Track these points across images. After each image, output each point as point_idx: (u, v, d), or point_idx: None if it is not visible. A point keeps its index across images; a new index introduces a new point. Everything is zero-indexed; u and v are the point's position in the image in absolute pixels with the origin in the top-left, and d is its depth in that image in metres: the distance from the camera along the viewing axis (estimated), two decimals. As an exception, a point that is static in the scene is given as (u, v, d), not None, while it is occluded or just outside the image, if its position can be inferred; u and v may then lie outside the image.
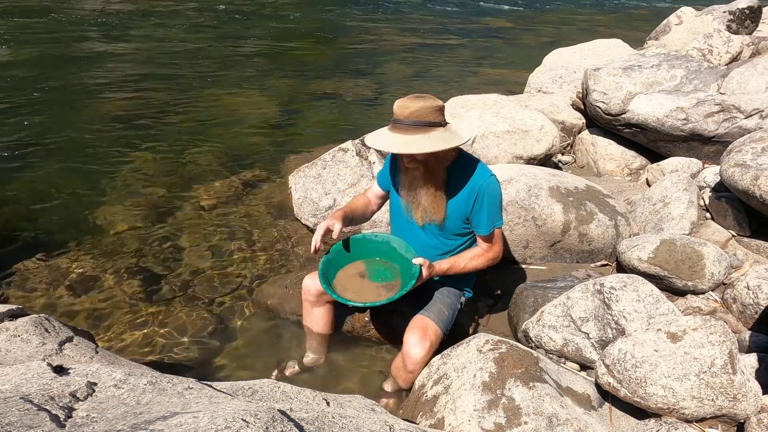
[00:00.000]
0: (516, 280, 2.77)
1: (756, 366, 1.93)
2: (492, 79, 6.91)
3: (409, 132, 1.85)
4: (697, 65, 4.01)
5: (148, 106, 5.39)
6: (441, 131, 1.88)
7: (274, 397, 1.37)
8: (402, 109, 1.86)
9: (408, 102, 1.86)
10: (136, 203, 3.66)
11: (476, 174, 2.01)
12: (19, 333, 1.43)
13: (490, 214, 2.03)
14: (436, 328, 2.05)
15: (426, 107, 1.85)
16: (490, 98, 4.08)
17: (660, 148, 3.89)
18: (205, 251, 3.22)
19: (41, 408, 0.97)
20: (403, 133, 1.86)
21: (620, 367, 1.72)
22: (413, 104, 1.85)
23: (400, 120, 1.86)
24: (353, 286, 2.04)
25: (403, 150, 1.85)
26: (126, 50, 7.05)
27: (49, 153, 4.30)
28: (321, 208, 3.41)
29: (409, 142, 1.84)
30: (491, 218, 2.04)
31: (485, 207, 2.01)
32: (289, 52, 7.58)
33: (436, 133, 1.86)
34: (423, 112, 1.84)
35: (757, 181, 2.65)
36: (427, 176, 1.96)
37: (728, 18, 5.73)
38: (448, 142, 1.85)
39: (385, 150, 1.95)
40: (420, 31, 9.12)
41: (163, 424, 0.92)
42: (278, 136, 4.97)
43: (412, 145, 1.83)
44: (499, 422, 1.63)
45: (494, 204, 2.03)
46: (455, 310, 2.20)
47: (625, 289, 2.05)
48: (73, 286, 2.87)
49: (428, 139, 1.84)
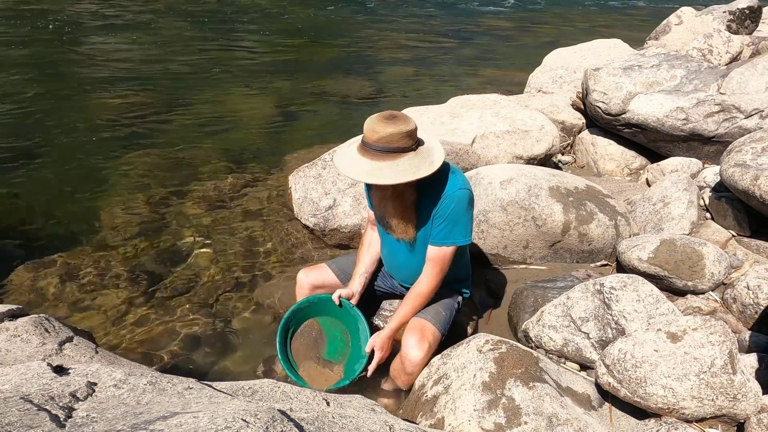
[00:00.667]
0: (516, 280, 2.77)
1: (756, 366, 1.93)
2: (492, 79, 6.91)
3: (377, 158, 1.78)
4: (697, 65, 4.01)
5: (147, 106, 5.39)
6: (411, 156, 1.80)
7: (274, 397, 1.37)
8: (371, 132, 1.78)
9: (378, 126, 1.77)
10: (135, 203, 3.67)
11: (447, 186, 1.91)
12: (19, 333, 1.43)
13: (445, 225, 1.92)
14: (434, 329, 2.04)
15: (395, 133, 1.76)
16: (490, 98, 4.08)
17: (660, 148, 3.89)
18: (204, 251, 3.22)
19: (41, 408, 0.97)
20: (371, 159, 1.79)
21: (620, 367, 1.72)
22: (382, 129, 1.76)
23: (369, 144, 1.79)
24: (308, 360, 2.08)
25: (369, 180, 1.79)
26: (126, 50, 7.06)
27: (48, 153, 4.30)
28: (321, 208, 3.41)
29: (376, 169, 1.77)
30: (445, 232, 1.93)
31: (442, 217, 1.91)
32: (289, 52, 7.57)
33: (404, 159, 1.79)
34: (392, 138, 1.76)
35: (757, 181, 2.65)
36: (395, 196, 1.90)
37: (728, 18, 5.72)
38: (415, 171, 1.78)
39: (352, 179, 1.89)
40: (420, 30, 9.13)
41: (163, 424, 0.92)
42: (278, 136, 4.97)
43: (378, 174, 1.77)
44: (499, 422, 1.63)
45: (455, 215, 1.91)
46: (452, 310, 2.19)
47: (625, 289, 2.05)
48: (73, 285, 2.87)
49: (396, 167, 1.77)
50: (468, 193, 1.94)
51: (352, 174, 1.81)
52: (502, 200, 2.81)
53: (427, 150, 1.88)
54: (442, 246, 1.97)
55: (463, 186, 1.93)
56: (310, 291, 2.28)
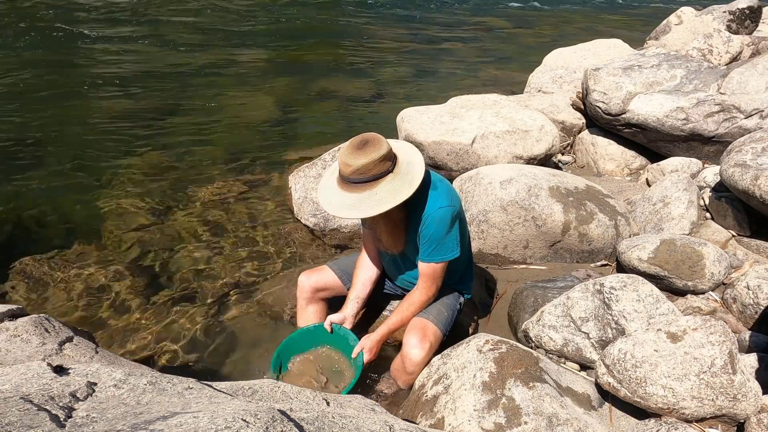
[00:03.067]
0: (516, 280, 2.77)
1: (756, 366, 1.93)
2: (492, 79, 6.91)
3: (356, 190, 1.79)
4: (697, 65, 4.01)
5: (147, 107, 5.39)
6: (389, 180, 1.80)
7: (274, 397, 1.37)
8: (345, 166, 1.78)
9: (350, 158, 1.76)
10: (135, 203, 3.66)
11: (427, 206, 1.91)
12: (19, 333, 1.43)
13: (430, 244, 1.94)
14: (435, 329, 2.05)
15: (368, 163, 1.75)
16: (490, 98, 4.08)
17: (660, 148, 3.89)
18: (204, 251, 3.22)
19: (41, 408, 0.97)
20: (350, 192, 1.80)
21: (620, 367, 1.72)
22: (355, 162, 1.75)
23: (345, 177, 1.79)
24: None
25: (351, 215, 1.80)
26: (125, 50, 7.05)
27: (48, 153, 4.30)
28: (321, 208, 3.41)
29: (357, 201, 1.78)
30: (431, 250, 1.95)
31: (425, 237, 1.93)
32: (289, 52, 7.57)
33: (383, 185, 1.78)
34: (366, 168, 1.76)
35: (757, 181, 2.65)
36: (384, 216, 1.88)
37: (728, 18, 5.72)
38: (396, 196, 1.77)
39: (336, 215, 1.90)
40: (420, 30, 9.13)
41: (163, 424, 0.92)
42: (278, 136, 4.97)
43: (359, 207, 1.78)
44: (499, 422, 1.63)
45: (437, 235, 1.92)
46: (454, 310, 2.20)
47: (625, 289, 2.05)
48: (73, 285, 2.87)
49: (375, 196, 1.77)
50: (448, 211, 1.91)
51: (333, 211, 1.83)
52: (502, 200, 2.81)
53: (405, 167, 1.86)
54: (431, 263, 1.99)
55: (443, 204, 1.91)
56: (311, 294, 2.29)
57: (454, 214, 1.94)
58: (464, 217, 2.16)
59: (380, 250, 2.19)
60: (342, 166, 1.80)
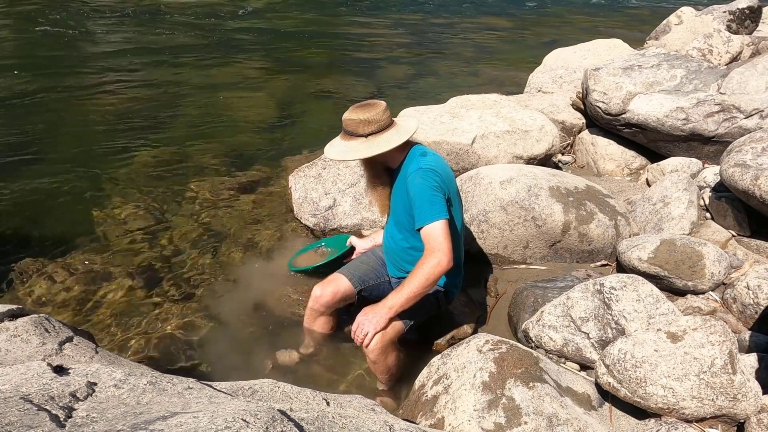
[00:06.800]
0: (516, 280, 2.78)
1: (756, 366, 1.93)
2: (492, 79, 6.91)
3: (346, 138, 2.12)
4: (697, 65, 4.01)
5: (147, 106, 5.38)
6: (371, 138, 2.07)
7: (274, 397, 1.37)
8: (345, 119, 2.12)
9: (348, 112, 2.11)
10: (135, 203, 3.66)
11: (411, 166, 2.08)
12: (19, 333, 1.43)
13: (418, 207, 1.99)
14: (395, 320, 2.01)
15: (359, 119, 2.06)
16: (490, 98, 4.08)
17: (660, 148, 3.89)
18: (204, 251, 3.22)
19: (41, 408, 0.97)
20: (342, 140, 2.13)
21: (620, 367, 1.72)
22: (349, 115, 2.09)
23: (343, 127, 2.13)
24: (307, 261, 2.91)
25: (328, 152, 2.16)
26: (125, 50, 7.05)
27: (48, 153, 4.30)
28: (321, 208, 3.41)
29: (347, 148, 2.11)
30: (420, 212, 1.98)
31: (411, 201, 2.03)
32: (289, 52, 7.56)
33: (360, 141, 2.08)
34: (354, 123, 2.07)
35: (757, 181, 2.65)
36: (372, 176, 2.23)
37: (728, 18, 5.72)
38: (368, 149, 2.06)
39: (324, 155, 2.32)
40: (420, 30, 9.12)
41: (163, 424, 0.92)
42: (278, 136, 4.97)
43: (338, 151, 2.12)
44: (499, 422, 1.63)
45: (420, 197, 1.98)
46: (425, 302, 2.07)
47: (625, 289, 2.05)
48: (73, 285, 2.87)
49: (360, 146, 2.08)
50: (430, 172, 2.02)
51: (325, 151, 2.18)
52: (502, 200, 2.81)
53: (395, 130, 2.11)
54: (424, 225, 1.98)
55: (419, 166, 2.05)
56: (324, 307, 2.30)
57: (427, 175, 2.02)
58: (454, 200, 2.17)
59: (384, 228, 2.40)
60: (343, 119, 2.12)
